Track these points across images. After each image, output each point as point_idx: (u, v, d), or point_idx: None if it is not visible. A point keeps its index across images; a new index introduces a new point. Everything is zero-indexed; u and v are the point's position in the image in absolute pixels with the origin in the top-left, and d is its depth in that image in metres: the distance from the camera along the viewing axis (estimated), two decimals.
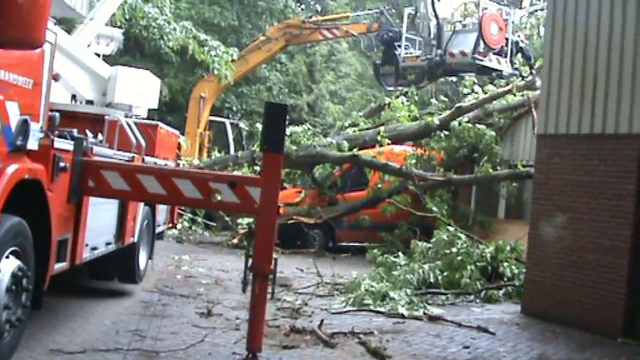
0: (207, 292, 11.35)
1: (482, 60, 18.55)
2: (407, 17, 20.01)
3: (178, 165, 13.09)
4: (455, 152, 17.75)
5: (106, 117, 10.02)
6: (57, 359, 6.83)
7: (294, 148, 18.13)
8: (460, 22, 19.21)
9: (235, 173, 18.20)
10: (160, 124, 11.16)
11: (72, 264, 7.04)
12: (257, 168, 18.04)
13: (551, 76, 10.94)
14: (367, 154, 18.19)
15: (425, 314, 10.31)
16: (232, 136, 24.76)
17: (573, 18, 10.54)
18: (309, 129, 18.75)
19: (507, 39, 18.89)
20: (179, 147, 19.75)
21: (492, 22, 18.48)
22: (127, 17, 15.95)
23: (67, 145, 6.47)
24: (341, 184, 19.13)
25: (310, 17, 24.45)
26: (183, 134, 23.57)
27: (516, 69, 19.21)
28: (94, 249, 7.80)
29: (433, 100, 20.03)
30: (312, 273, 14.11)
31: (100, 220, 7.93)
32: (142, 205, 9.68)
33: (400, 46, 20.08)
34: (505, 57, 18.95)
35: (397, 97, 20.00)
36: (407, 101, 19.59)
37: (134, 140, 9.63)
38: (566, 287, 10.26)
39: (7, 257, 5.49)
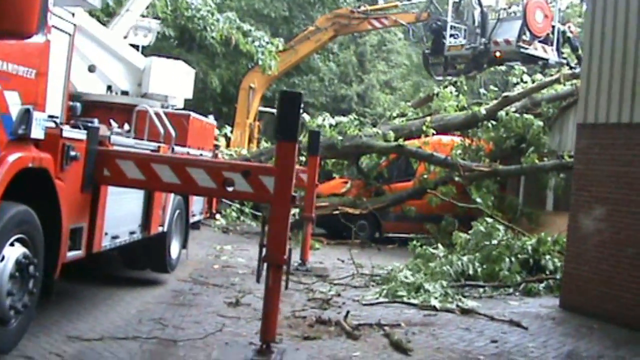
0: (241, 282, 11.37)
1: (526, 49, 18.11)
2: (451, 5, 19.68)
3: (215, 154, 13.12)
4: (503, 142, 17.40)
5: (136, 108, 10.07)
6: (74, 345, 6.89)
7: (340, 138, 18.07)
8: (505, 9, 18.79)
9: None
10: (193, 114, 11.18)
11: (88, 252, 7.09)
12: (302, 158, 18.08)
13: (591, 62, 10.57)
14: (412, 144, 17.99)
15: (457, 306, 10.11)
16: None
17: (613, 2, 10.16)
18: (355, 119, 18.61)
19: (553, 27, 18.40)
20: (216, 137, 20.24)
21: (537, 9, 18.01)
22: (171, 8, 16.03)
23: (79, 134, 6.51)
24: (387, 174, 19.00)
25: (359, 7, 24.27)
26: (233, 125, 23.89)
27: (563, 58, 18.69)
28: (115, 237, 7.85)
29: (482, 90, 19.65)
30: (353, 264, 14.03)
31: (122, 209, 7.98)
32: (171, 194, 9.75)
33: (451, 36, 19.73)
34: (552, 45, 18.46)
35: (446, 87, 19.70)
36: (456, 91, 19.27)
37: (161, 129, 9.68)
38: (604, 280, 9.93)
39: (12, 245, 5.55)
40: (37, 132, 5.67)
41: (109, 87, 11.16)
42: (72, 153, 6.29)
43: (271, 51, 17.77)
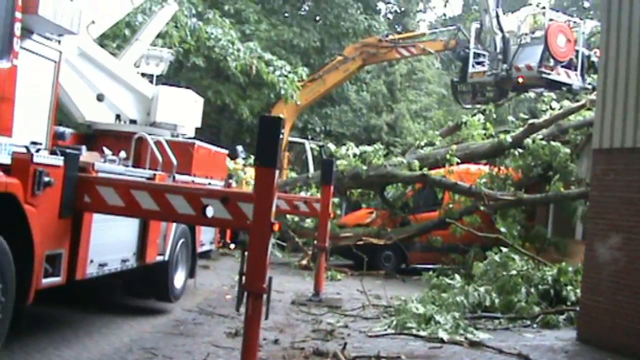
0: None
1: (548, 74, 17.74)
2: (474, 32, 19.44)
3: (229, 183, 13.05)
4: (530, 171, 17.02)
5: (135, 136, 10.06)
6: None
7: (364, 167, 17.92)
8: (526, 34, 18.48)
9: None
10: (198, 142, 11.13)
11: (69, 279, 7.01)
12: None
13: (605, 85, 10.24)
14: (438, 173, 17.73)
15: (466, 338, 9.78)
16: (311, 156, 24.64)
17: (627, 25, 9.85)
18: (379, 148, 18.43)
19: (577, 51, 18.02)
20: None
21: (559, 33, 17.66)
22: (192, 38, 16.14)
23: (54, 160, 6.46)
24: (413, 204, 18.74)
25: (387, 35, 24.18)
26: None
27: (589, 83, 18.26)
28: (103, 265, 7.76)
29: (510, 117, 19.30)
30: (372, 295, 13.78)
31: (112, 237, 7.90)
32: (173, 223, 9.67)
33: (478, 62, 19.49)
34: (575, 70, 18.06)
35: (474, 115, 19.41)
36: (484, 119, 18.99)
37: (159, 158, 9.63)
38: (619, 312, 9.50)
39: None
40: (1, 157, 5.62)
41: (118, 116, 11.18)
42: (46, 179, 6.23)
43: (293, 81, 17.73)
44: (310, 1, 31.18)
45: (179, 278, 10.68)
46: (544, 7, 18.35)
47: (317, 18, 29.71)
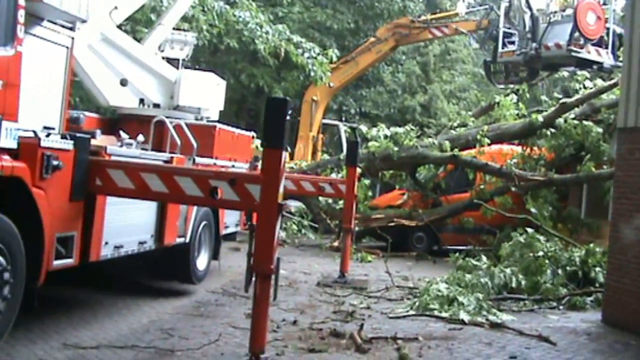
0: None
1: (578, 52, 17.38)
2: (503, 10, 19.13)
3: (254, 166, 13.11)
4: (562, 151, 16.76)
5: (154, 119, 10.17)
6: (67, 353, 6.94)
7: (395, 149, 17.83)
8: (556, 12, 18.11)
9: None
10: (219, 125, 11.19)
11: (82, 261, 7.14)
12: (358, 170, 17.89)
13: (631, 61, 10.01)
14: (469, 154, 17.58)
15: (487, 320, 9.72)
16: (346, 138, 24.61)
17: None
18: (411, 129, 18.31)
19: (607, 29, 17.61)
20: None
21: (589, 10, 17.26)
22: (221, 22, 16.18)
23: (63, 144, 6.57)
24: (445, 185, 18.62)
25: (419, 16, 23.97)
26: (297, 138, 23.94)
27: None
28: (119, 247, 7.88)
29: (543, 97, 19.01)
30: (400, 276, 13.79)
31: (128, 219, 8.01)
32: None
33: (510, 42, 19.18)
34: (606, 48, 17.66)
35: (507, 95, 19.16)
36: (517, 99, 18.72)
37: (178, 141, 9.72)
38: None
39: None
40: (7, 142, 5.75)
41: (142, 100, 11.28)
42: (55, 162, 6.34)
43: (322, 63, 17.68)
44: None
45: (201, 260, 10.79)
46: None
47: None
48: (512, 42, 19.17)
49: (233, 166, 11.38)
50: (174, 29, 12.84)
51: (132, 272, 10.65)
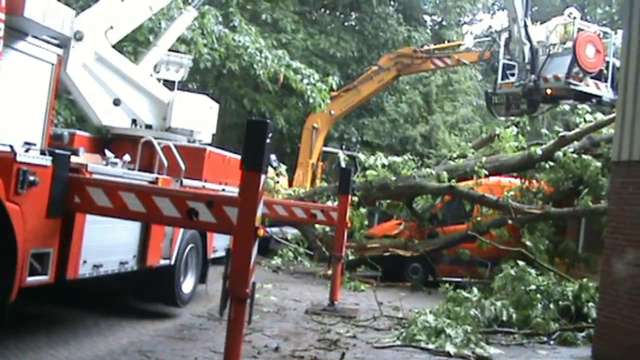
0: (259, 320, 11.11)
1: (577, 85, 17.34)
2: (503, 42, 19.14)
3: None
4: (560, 184, 16.67)
5: (142, 139, 10.12)
6: None
7: (393, 178, 17.75)
8: (555, 44, 18.09)
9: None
10: (210, 148, 11.13)
11: (58, 278, 7.05)
12: (355, 198, 17.82)
13: (626, 94, 9.95)
14: (467, 186, 17.47)
15: (474, 353, 9.58)
16: (345, 167, 24.51)
17: None
18: (409, 159, 18.24)
19: (607, 62, 17.57)
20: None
21: (588, 43, 17.22)
22: (221, 46, 16.21)
23: (40, 160, 6.51)
24: (442, 216, 18.50)
25: (422, 46, 24.02)
26: (296, 164, 23.91)
27: None
28: (98, 266, 7.79)
29: (544, 130, 18.93)
30: (391, 306, 13.65)
31: (108, 238, 7.92)
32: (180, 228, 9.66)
33: (511, 74, 19.15)
34: (606, 81, 17.61)
35: (507, 127, 19.09)
36: (517, 131, 18.65)
37: (165, 162, 9.68)
38: (636, 331, 9.20)
39: None
40: None
41: (134, 121, 11.25)
42: (31, 178, 6.28)
43: (321, 90, 17.67)
44: (350, 12, 31.19)
45: (188, 283, 10.70)
46: (574, 17, 17.95)
47: (356, 28, 29.64)
48: (513, 74, 19.14)
49: (223, 190, 11.30)
50: (171, 50, 12.87)
51: (119, 293, 10.54)
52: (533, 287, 11.91)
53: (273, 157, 23.08)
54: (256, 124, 6.61)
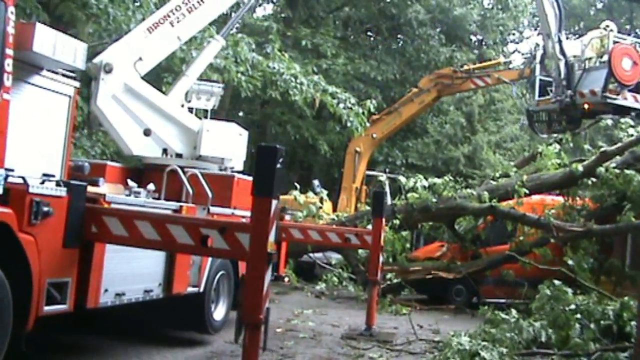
0: (293, 346, 11.10)
1: (614, 99, 16.98)
2: (538, 58, 18.90)
3: (281, 216, 13.09)
4: (604, 201, 16.30)
5: (167, 168, 10.26)
6: None
7: (434, 200, 17.62)
8: (591, 58, 17.77)
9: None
10: (238, 175, 11.20)
11: (78, 307, 7.15)
12: (397, 221, 17.74)
13: None
14: (509, 205, 17.22)
15: None
16: (390, 190, 24.39)
17: None
18: (449, 180, 18.09)
19: None
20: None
21: (624, 56, 16.89)
22: (257, 73, 16.39)
23: (54, 190, 6.64)
24: (485, 237, 18.25)
25: (462, 66, 23.89)
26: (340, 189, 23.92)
27: None
28: (120, 294, 7.88)
29: (586, 146, 18.57)
30: (431, 329, 13.52)
31: (130, 266, 8.01)
32: None
33: (550, 91, 18.89)
34: None
35: (550, 144, 18.79)
36: (560, 148, 18.36)
37: (190, 190, 9.79)
38: None
39: None
40: None
41: (165, 150, 11.41)
42: (45, 209, 6.41)
43: (358, 113, 17.69)
44: (391, 35, 31.30)
45: (219, 310, 10.75)
46: (611, 30, 17.65)
47: (398, 50, 29.69)
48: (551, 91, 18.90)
49: None
50: (203, 79, 13.05)
51: (149, 321, 10.63)
52: (573, 306, 11.63)
53: (316, 182, 23.20)
54: (266, 150, 6.64)
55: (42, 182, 6.71)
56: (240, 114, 32.52)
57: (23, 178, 6.31)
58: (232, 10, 15.55)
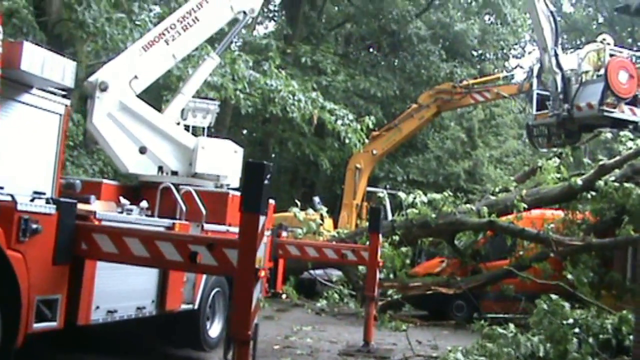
0: None
1: (611, 112, 16.97)
2: (535, 72, 18.92)
3: (278, 233, 13.12)
4: (603, 215, 16.26)
5: (160, 185, 10.29)
6: None
7: (433, 215, 17.61)
8: (587, 72, 17.78)
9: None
10: (233, 192, 11.21)
11: (68, 324, 7.16)
12: (396, 237, 17.73)
13: None
14: (508, 220, 17.20)
15: None
16: (390, 206, 24.37)
17: None
18: (448, 195, 18.06)
19: None
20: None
21: (620, 69, 16.89)
22: (256, 91, 16.45)
23: (43, 208, 6.67)
24: (485, 252, 18.22)
25: (461, 81, 23.93)
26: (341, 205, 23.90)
27: None
28: (112, 311, 7.89)
29: (585, 160, 18.55)
30: (430, 345, 13.49)
31: (122, 283, 8.02)
32: None
33: (549, 104, 18.89)
34: None
35: (549, 159, 18.77)
36: (560, 162, 18.33)
37: (183, 207, 9.82)
38: None
39: None
40: None
41: (160, 168, 11.43)
42: (33, 226, 6.44)
43: (356, 129, 17.71)
44: (391, 51, 31.43)
45: (215, 327, 10.72)
46: (608, 43, 17.68)
47: (397, 66, 29.79)
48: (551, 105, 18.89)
49: None
50: (199, 97, 13.11)
51: (144, 337, 10.62)
52: (571, 320, 11.58)
53: (316, 199, 23.20)
54: (254, 166, 6.66)
55: (32, 200, 6.73)
56: (244, 131, 32.68)
57: (11, 196, 6.34)
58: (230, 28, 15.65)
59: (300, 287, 20.41)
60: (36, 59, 6.67)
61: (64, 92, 7.61)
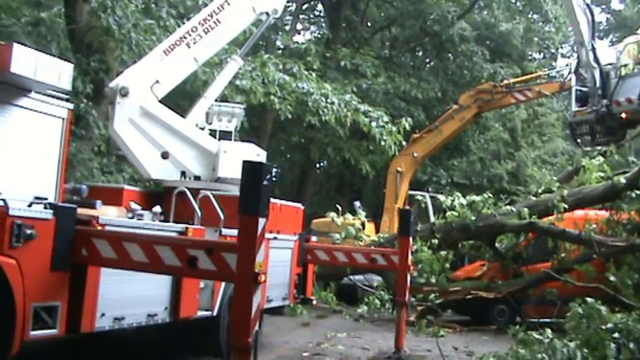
0: None
1: None
2: (573, 68, 18.28)
3: (306, 238, 12.89)
4: None
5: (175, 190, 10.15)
6: None
7: (472, 218, 17.17)
8: (626, 65, 17.08)
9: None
10: None
11: (70, 331, 7.03)
12: (435, 241, 17.36)
13: None
14: (549, 221, 16.65)
15: None
16: (433, 209, 23.91)
17: None
18: (488, 197, 17.59)
19: None
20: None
21: None
22: (289, 94, 16.26)
23: (39, 213, 6.55)
24: (527, 254, 17.67)
25: (502, 81, 23.39)
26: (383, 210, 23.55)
27: None
28: (119, 318, 7.73)
29: (631, 158, 17.88)
30: (466, 351, 13.09)
31: (131, 289, 7.86)
32: None
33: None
34: None
35: (593, 157, 18.14)
36: (604, 161, 17.69)
37: (198, 212, 9.65)
38: None
39: None
40: None
41: (183, 173, 11.31)
42: (28, 231, 6.32)
43: (391, 131, 17.37)
44: (433, 52, 31.01)
45: None
46: None
47: (439, 67, 29.34)
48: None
49: (275, 237, 11.20)
50: (225, 101, 12.98)
51: (163, 344, 10.49)
52: (610, 325, 11.07)
53: (357, 204, 22.93)
54: (252, 167, 6.46)
55: (30, 205, 6.62)
56: (287, 138, 32.56)
57: (4, 200, 6.24)
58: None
59: (341, 293, 20.16)
60: (28, 61, 6.55)
61: (67, 97, 7.50)
